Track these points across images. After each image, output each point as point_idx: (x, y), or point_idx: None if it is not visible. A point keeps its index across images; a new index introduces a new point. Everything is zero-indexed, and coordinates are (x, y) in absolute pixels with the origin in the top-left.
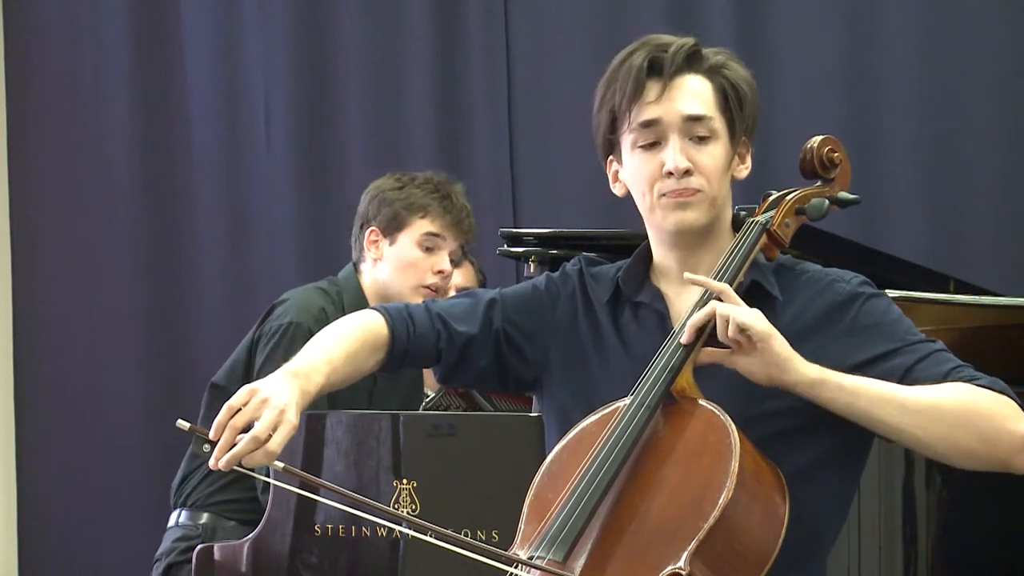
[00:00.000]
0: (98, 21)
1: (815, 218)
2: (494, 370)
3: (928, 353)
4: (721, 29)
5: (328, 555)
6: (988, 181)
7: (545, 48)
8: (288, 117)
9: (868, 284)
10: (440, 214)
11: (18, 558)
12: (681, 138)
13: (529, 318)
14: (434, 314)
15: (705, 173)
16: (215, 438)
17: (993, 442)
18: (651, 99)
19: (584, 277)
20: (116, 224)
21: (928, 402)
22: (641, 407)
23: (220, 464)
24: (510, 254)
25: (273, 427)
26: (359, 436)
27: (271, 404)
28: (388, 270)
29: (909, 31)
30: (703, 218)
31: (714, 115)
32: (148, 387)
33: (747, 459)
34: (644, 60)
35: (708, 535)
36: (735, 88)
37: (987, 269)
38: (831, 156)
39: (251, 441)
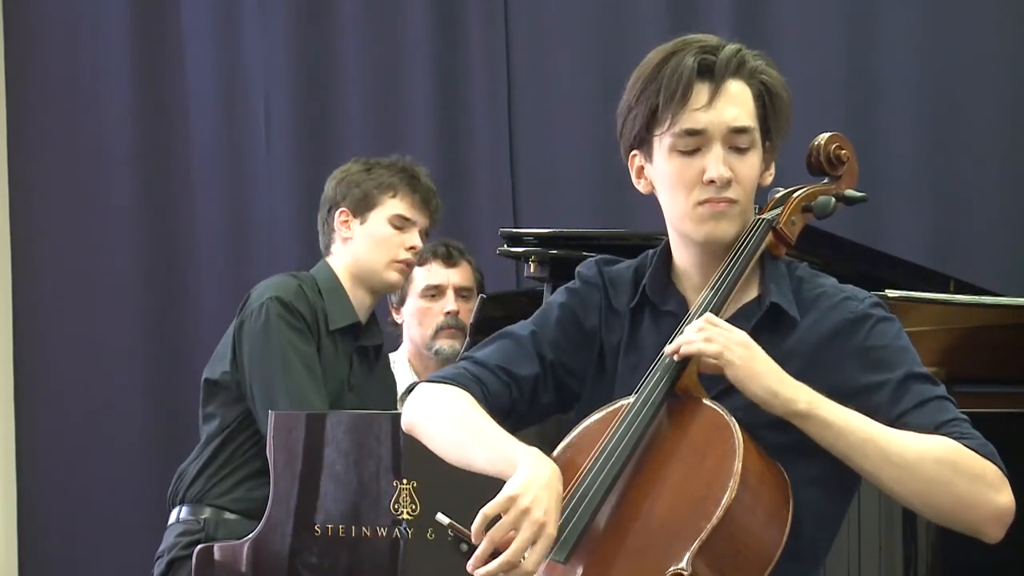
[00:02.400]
0: (98, 21)
1: (822, 216)
2: (557, 400)
3: (927, 398)
4: (721, 29)
5: (328, 555)
6: (988, 181)
7: (545, 48)
8: (288, 117)
9: (880, 306)
10: (409, 193)
11: (18, 558)
12: (724, 148)
13: (569, 338)
14: (494, 368)
15: (743, 184)
16: (474, 542)
17: (970, 507)
18: (699, 105)
19: (605, 282)
20: (116, 224)
21: (912, 456)
22: (645, 405)
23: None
24: (510, 254)
25: (530, 543)
26: (359, 436)
27: (531, 517)
28: (360, 247)
29: (909, 31)
30: (733, 230)
31: (755, 125)
32: (148, 387)
33: (750, 459)
34: (695, 62)
35: (711, 535)
36: (773, 95)
37: (987, 269)
38: (838, 153)
39: (504, 566)
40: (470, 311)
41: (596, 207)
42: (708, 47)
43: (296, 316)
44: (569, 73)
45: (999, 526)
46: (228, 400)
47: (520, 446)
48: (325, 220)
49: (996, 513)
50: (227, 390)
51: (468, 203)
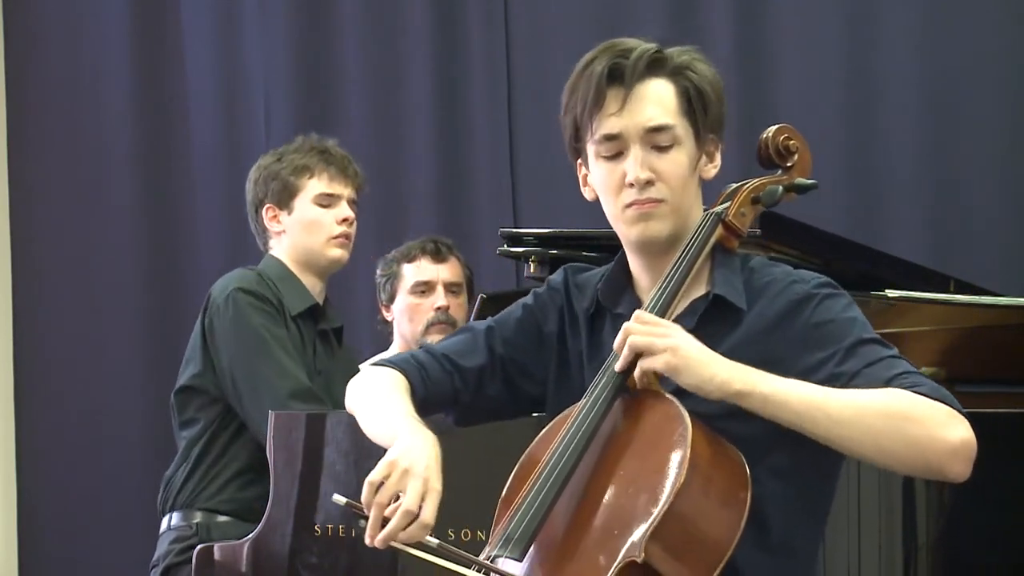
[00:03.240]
0: (98, 21)
1: (769, 205)
2: (506, 395)
3: (877, 359)
4: (721, 29)
5: (328, 555)
6: (988, 181)
7: (545, 48)
8: (288, 117)
9: (828, 285)
10: (325, 168)
11: (18, 558)
12: (642, 148)
13: (525, 337)
14: (439, 356)
15: (668, 181)
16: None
17: (925, 449)
18: (612, 110)
19: (569, 288)
20: (116, 224)
21: (855, 409)
22: (596, 402)
23: (376, 543)
24: (510, 254)
25: (422, 497)
26: (359, 436)
27: (414, 474)
28: (296, 236)
29: (909, 31)
30: (667, 228)
31: (676, 121)
32: (148, 387)
33: (701, 446)
34: (604, 67)
35: (663, 521)
36: (699, 90)
37: (987, 269)
38: (787, 144)
39: (404, 515)
40: (460, 306)
41: (596, 207)
42: (621, 51)
43: (264, 301)
44: (569, 73)
45: (960, 462)
46: (205, 403)
47: (405, 422)
48: (255, 221)
49: (952, 449)
50: (203, 393)
51: (468, 203)
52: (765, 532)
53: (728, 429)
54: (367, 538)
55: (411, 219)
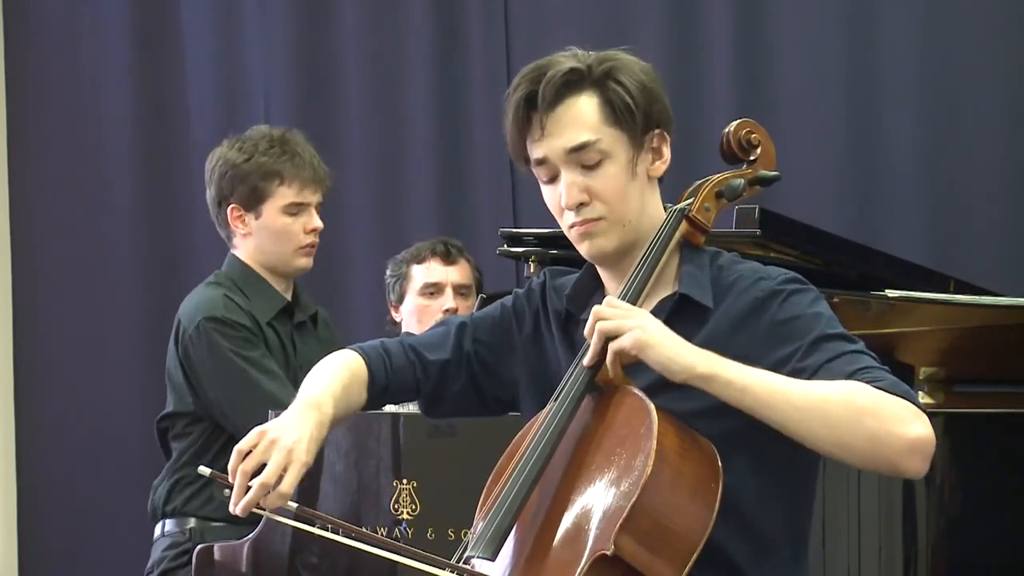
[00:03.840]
0: (98, 21)
1: (732, 198)
2: (471, 393)
3: (840, 353)
4: (721, 29)
5: (328, 555)
6: (988, 181)
7: (545, 48)
8: (288, 117)
9: (794, 280)
10: (294, 175)
11: (18, 558)
12: (570, 170)
13: (497, 338)
14: (407, 347)
15: (603, 198)
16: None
17: (881, 444)
18: (535, 136)
19: (546, 292)
20: (116, 224)
21: (815, 399)
22: (565, 401)
23: (237, 511)
24: (510, 254)
25: (282, 469)
26: (359, 436)
27: (279, 445)
28: (263, 241)
29: (909, 31)
30: (613, 243)
31: (601, 135)
32: (148, 387)
33: (668, 438)
34: (522, 95)
35: (632, 513)
36: (623, 95)
37: (987, 269)
38: (749, 138)
39: (260, 488)
40: (469, 309)
41: None
42: (536, 76)
43: (235, 327)
44: None
45: (917, 458)
46: (191, 421)
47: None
48: (217, 215)
49: (910, 445)
50: (186, 415)
51: (468, 203)
52: (748, 526)
53: (702, 427)
54: (231, 506)
55: (411, 219)
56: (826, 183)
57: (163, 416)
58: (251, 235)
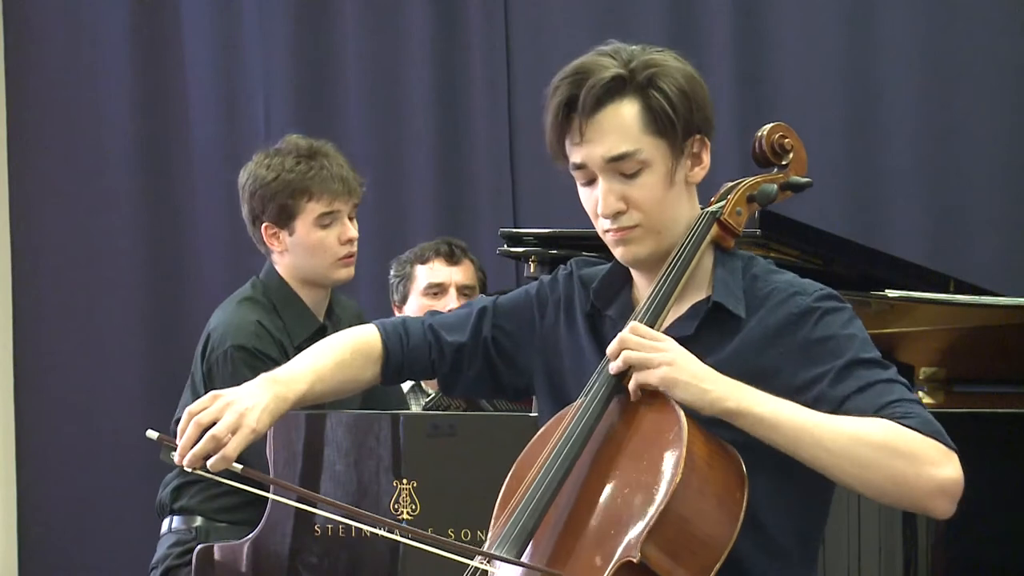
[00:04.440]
0: (98, 21)
1: (764, 203)
2: (487, 377)
3: (872, 382)
4: (720, 29)
5: (328, 555)
6: (988, 181)
7: (545, 48)
8: (288, 117)
9: (830, 298)
10: (324, 188)
11: (18, 558)
12: (609, 178)
13: (517, 326)
14: (427, 326)
15: (640, 207)
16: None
17: (910, 487)
18: (575, 140)
19: (572, 283)
20: (116, 224)
21: (846, 439)
22: (592, 402)
23: (184, 463)
24: (510, 254)
25: (232, 430)
26: (359, 436)
27: (232, 408)
28: (299, 258)
29: (909, 31)
30: (647, 249)
31: (641, 144)
32: (148, 387)
33: (697, 445)
34: (563, 99)
35: (659, 521)
36: (665, 104)
37: (987, 269)
38: (782, 142)
39: (210, 440)
40: None
41: None
42: (578, 80)
43: (262, 360)
44: None
45: (945, 500)
46: None
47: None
48: (253, 232)
49: (939, 488)
50: None
51: (468, 203)
52: (763, 534)
53: (725, 435)
54: (177, 458)
55: (411, 219)
56: (826, 183)
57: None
58: (287, 251)
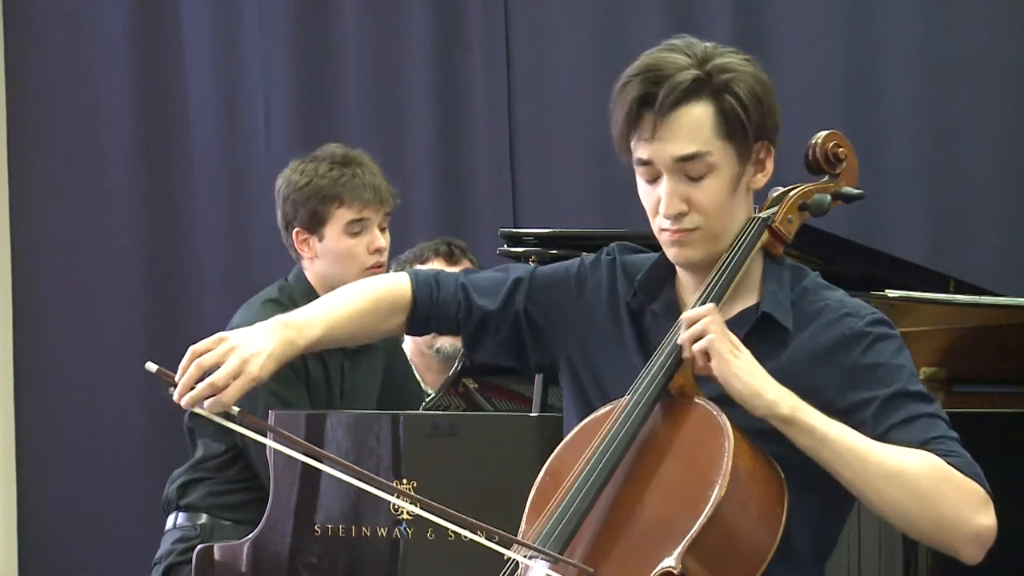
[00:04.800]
0: (98, 21)
1: (817, 213)
2: (511, 347)
3: (916, 416)
4: (721, 29)
5: (328, 555)
6: (988, 181)
7: (545, 48)
8: (288, 117)
9: (881, 323)
10: (355, 196)
11: (18, 558)
12: (674, 178)
13: (552, 302)
14: (460, 284)
15: (702, 210)
16: (179, 379)
17: (949, 527)
18: (645, 136)
19: (615, 268)
20: (116, 224)
21: (892, 469)
22: (638, 405)
23: (181, 403)
24: (510, 254)
25: (233, 376)
26: (359, 436)
27: (236, 353)
28: (327, 265)
29: (909, 31)
30: (702, 253)
31: (711, 147)
32: (148, 387)
33: (742, 458)
34: (638, 93)
35: (701, 533)
36: (739, 110)
37: (987, 269)
38: (836, 151)
39: (207, 387)
40: None
41: (596, 207)
42: (656, 77)
43: None
44: (569, 73)
45: (978, 547)
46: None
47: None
48: (286, 238)
49: (975, 534)
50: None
51: (468, 203)
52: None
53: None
54: (175, 396)
55: (411, 219)
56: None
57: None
58: (317, 258)
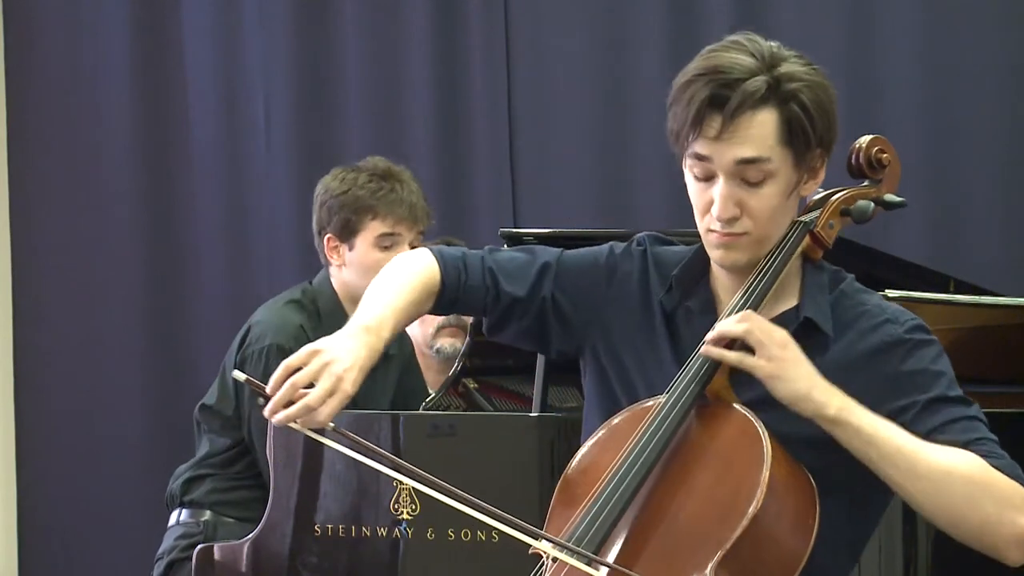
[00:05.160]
0: (98, 21)
1: (860, 221)
2: (535, 334)
3: (956, 418)
4: (721, 29)
5: (328, 555)
6: (988, 181)
7: (545, 48)
8: (288, 117)
9: (920, 329)
10: (389, 211)
11: (18, 558)
12: (731, 181)
13: (580, 291)
14: (487, 268)
15: (754, 216)
16: (271, 393)
17: (994, 528)
18: (710, 135)
19: (647, 260)
20: (116, 224)
21: (940, 470)
22: (675, 407)
23: (274, 420)
24: None
25: (328, 394)
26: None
27: (331, 370)
28: (353, 274)
29: (909, 31)
30: (747, 257)
31: (773, 154)
32: (148, 387)
33: (778, 468)
34: (708, 94)
35: (735, 546)
36: (804, 120)
37: (987, 269)
38: (879, 157)
39: (303, 409)
40: None
41: (596, 207)
42: (726, 79)
43: None
44: (569, 73)
45: (1021, 550)
46: (228, 426)
47: (360, 319)
48: (318, 243)
49: (1020, 536)
50: (226, 417)
51: (468, 203)
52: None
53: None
54: (267, 412)
55: None
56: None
57: (202, 406)
58: (345, 266)
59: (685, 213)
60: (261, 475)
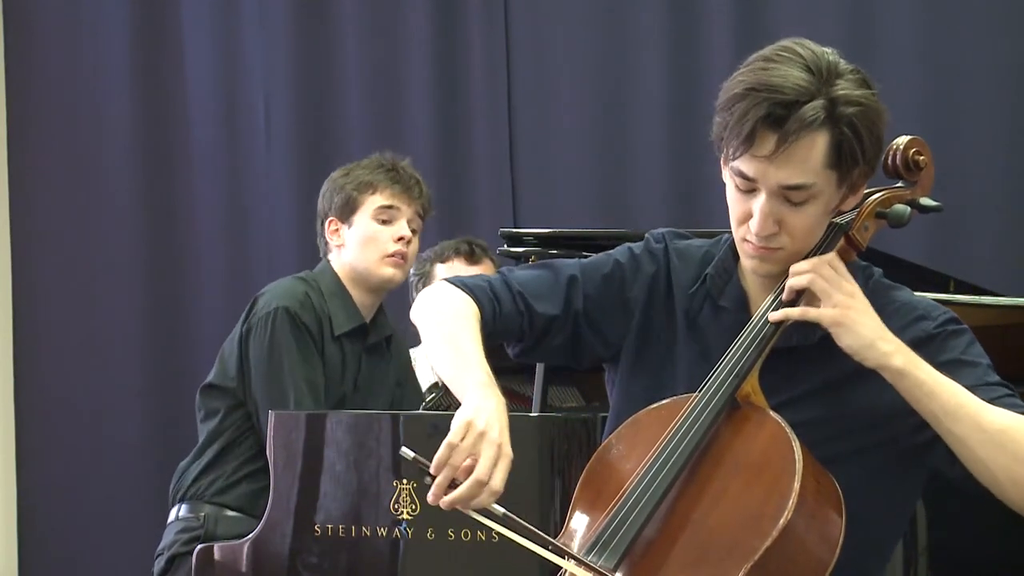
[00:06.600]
0: (98, 21)
1: (895, 225)
2: (568, 349)
3: (999, 396)
4: (721, 30)
5: (328, 555)
6: (988, 181)
7: (545, 48)
8: (288, 117)
9: (952, 321)
10: (388, 185)
11: (18, 558)
12: (773, 200)
13: (608, 295)
14: (515, 292)
15: (792, 233)
16: (435, 473)
17: None
18: (761, 153)
19: (670, 256)
20: (116, 224)
21: (1002, 425)
22: (706, 409)
23: (442, 504)
24: (510, 254)
25: (494, 464)
26: (359, 436)
27: (489, 438)
28: (352, 251)
29: (909, 31)
30: (780, 268)
31: (819, 178)
32: (148, 387)
33: (808, 478)
34: (763, 113)
35: (764, 556)
36: (855, 145)
37: (987, 269)
38: (916, 159)
39: (475, 484)
40: None
41: (596, 207)
42: (783, 100)
43: (302, 329)
44: (569, 73)
45: None
46: (230, 404)
47: (478, 376)
48: (320, 232)
49: None
50: (229, 394)
51: (468, 203)
52: None
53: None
54: (431, 497)
55: None
56: None
57: (206, 385)
58: (344, 246)
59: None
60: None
